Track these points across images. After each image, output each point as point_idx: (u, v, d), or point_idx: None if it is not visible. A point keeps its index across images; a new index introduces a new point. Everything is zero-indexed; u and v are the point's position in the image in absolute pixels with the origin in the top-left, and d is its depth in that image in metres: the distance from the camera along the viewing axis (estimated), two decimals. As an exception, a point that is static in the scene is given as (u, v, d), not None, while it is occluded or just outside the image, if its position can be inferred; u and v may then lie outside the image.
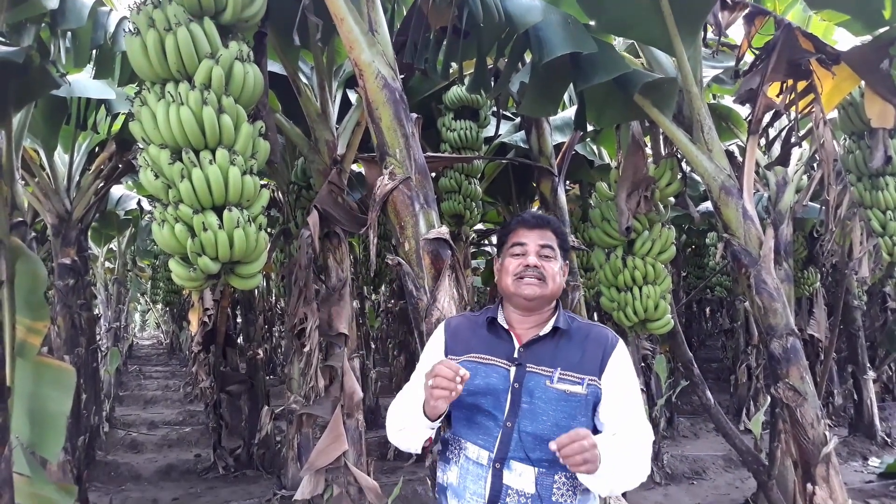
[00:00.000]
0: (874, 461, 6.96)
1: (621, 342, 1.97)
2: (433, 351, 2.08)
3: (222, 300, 6.99)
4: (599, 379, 1.87)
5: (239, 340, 7.88)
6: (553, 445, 1.63)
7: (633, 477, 1.79)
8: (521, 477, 1.81)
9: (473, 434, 1.90)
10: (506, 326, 1.98)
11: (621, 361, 1.92)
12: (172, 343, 18.70)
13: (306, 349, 3.77)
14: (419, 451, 1.99)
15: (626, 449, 1.78)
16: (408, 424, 1.92)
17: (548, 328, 1.94)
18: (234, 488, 6.47)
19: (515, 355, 1.91)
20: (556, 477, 1.81)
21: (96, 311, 10.35)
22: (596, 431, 1.90)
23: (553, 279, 1.96)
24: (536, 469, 1.80)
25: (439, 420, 1.86)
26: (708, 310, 16.21)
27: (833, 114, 4.63)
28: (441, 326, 2.13)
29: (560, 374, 1.86)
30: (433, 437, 1.95)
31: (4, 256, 2.96)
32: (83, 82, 4.15)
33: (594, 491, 1.80)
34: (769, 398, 5.06)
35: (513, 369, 1.89)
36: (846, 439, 7.59)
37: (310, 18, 2.91)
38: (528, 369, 1.88)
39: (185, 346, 14.67)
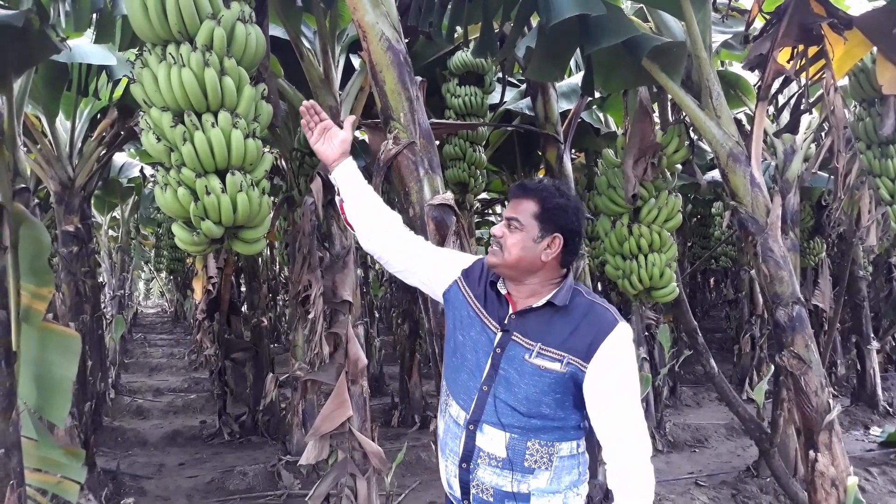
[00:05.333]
0: (876, 430, 6.99)
1: (621, 327, 1.83)
2: (455, 257, 2.16)
3: (226, 268, 6.99)
4: (586, 362, 1.80)
5: (243, 308, 7.91)
6: None
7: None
8: (492, 441, 1.82)
9: (456, 392, 1.94)
10: (503, 291, 1.97)
11: (616, 348, 1.81)
12: (177, 311, 18.78)
13: (311, 316, 3.78)
14: (366, 221, 2.19)
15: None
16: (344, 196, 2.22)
17: (541, 302, 1.89)
18: (240, 454, 6.53)
19: (506, 321, 1.91)
20: (529, 444, 1.81)
21: (100, 279, 10.38)
22: (579, 406, 1.87)
23: (509, 250, 1.86)
24: (508, 434, 1.81)
25: (340, 165, 2.26)
26: (712, 280, 16.17)
27: (844, 80, 4.56)
28: (473, 257, 2.14)
29: (540, 349, 1.83)
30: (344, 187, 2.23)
31: (8, 222, 2.94)
32: (84, 47, 4.10)
33: None
34: (772, 367, 5.07)
35: (499, 334, 1.89)
36: (848, 409, 7.61)
37: (312, -21, 2.86)
38: (512, 338, 1.87)
39: (189, 314, 14.73)
